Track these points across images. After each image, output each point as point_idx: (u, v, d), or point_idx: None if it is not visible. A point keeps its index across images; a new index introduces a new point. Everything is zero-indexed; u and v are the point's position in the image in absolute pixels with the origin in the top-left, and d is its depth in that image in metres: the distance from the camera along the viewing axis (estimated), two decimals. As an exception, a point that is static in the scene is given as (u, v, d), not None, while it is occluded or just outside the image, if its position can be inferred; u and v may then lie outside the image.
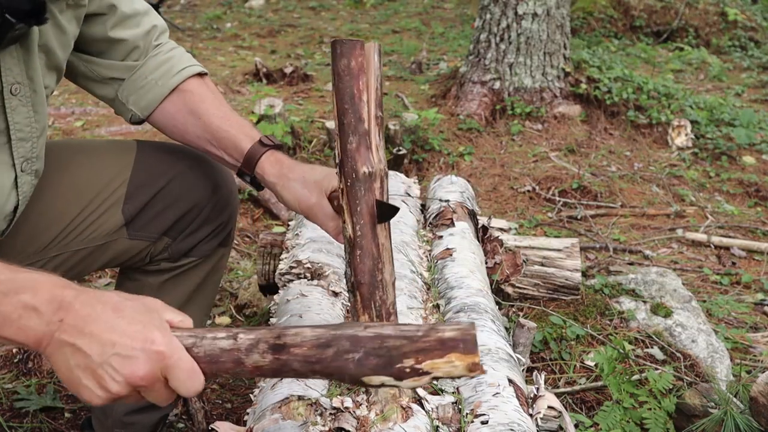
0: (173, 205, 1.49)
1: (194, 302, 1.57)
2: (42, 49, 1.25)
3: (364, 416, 1.22)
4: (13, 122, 1.22)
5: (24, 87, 1.22)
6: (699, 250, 3.38)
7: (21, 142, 1.25)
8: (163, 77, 1.46)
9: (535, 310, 2.39)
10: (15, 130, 1.23)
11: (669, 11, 7.87)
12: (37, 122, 1.28)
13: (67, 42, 1.31)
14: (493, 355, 1.44)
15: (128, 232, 1.47)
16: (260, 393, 1.35)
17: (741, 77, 6.67)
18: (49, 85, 1.31)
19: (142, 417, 1.62)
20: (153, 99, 1.46)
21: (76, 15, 1.32)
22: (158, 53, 1.48)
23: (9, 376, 2.09)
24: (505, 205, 3.82)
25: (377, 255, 1.23)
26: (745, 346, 2.47)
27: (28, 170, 1.29)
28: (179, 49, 1.53)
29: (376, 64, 1.18)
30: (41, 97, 1.27)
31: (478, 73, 4.97)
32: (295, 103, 4.92)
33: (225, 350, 0.94)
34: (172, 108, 1.47)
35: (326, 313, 1.59)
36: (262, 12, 9.18)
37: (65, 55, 1.33)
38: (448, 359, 0.91)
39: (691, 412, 1.86)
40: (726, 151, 4.57)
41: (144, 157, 1.50)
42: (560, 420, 1.36)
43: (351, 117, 1.18)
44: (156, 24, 1.49)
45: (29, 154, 1.28)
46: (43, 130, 1.30)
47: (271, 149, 1.41)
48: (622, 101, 4.94)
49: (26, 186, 1.30)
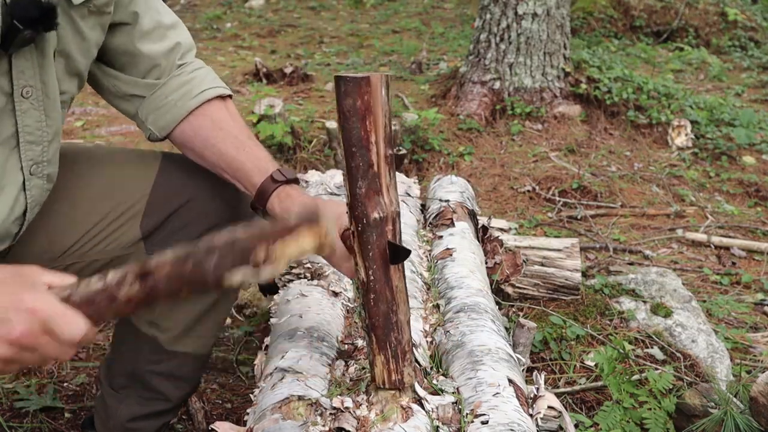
0: (192, 224, 1.45)
1: (208, 317, 1.55)
2: (60, 54, 1.24)
3: (364, 416, 1.22)
4: (23, 125, 1.22)
5: (36, 90, 1.21)
6: (699, 250, 3.38)
7: (30, 145, 1.25)
8: (182, 98, 1.44)
9: (535, 310, 2.39)
10: (24, 133, 1.23)
11: (669, 11, 7.87)
12: (49, 126, 1.27)
13: (88, 48, 1.30)
14: (493, 355, 1.44)
15: (146, 247, 1.45)
16: (260, 393, 1.35)
17: (741, 77, 6.67)
18: (68, 90, 1.30)
19: (145, 424, 1.62)
20: (171, 120, 1.44)
21: (101, 22, 1.31)
22: (181, 73, 1.46)
23: (9, 376, 2.09)
24: (505, 205, 3.82)
25: (391, 298, 1.20)
26: (745, 346, 2.47)
27: (39, 174, 1.29)
28: (203, 70, 1.50)
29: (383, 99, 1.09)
30: (54, 102, 1.26)
31: (478, 73, 4.97)
32: (295, 103, 4.92)
33: (98, 291, 0.98)
34: (190, 131, 1.45)
35: (326, 312, 1.59)
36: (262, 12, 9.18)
37: (87, 62, 1.32)
38: (295, 238, 0.99)
39: (691, 412, 1.86)
40: (726, 151, 4.57)
41: (167, 172, 1.48)
42: (560, 420, 1.36)
43: (359, 160, 1.11)
44: (180, 41, 1.46)
45: (39, 158, 1.27)
46: (55, 135, 1.30)
47: (282, 185, 1.39)
48: (622, 101, 4.94)
49: (36, 190, 1.29)
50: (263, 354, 1.55)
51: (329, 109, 4.75)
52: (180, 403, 1.64)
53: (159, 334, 1.52)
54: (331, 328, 1.54)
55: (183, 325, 1.52)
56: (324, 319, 1.56)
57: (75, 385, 2.08)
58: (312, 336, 1.47)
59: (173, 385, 1.58)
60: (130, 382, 1.58)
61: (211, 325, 1.56)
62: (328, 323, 1.56)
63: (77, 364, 2.17)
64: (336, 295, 1.70)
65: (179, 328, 1.52)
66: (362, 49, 7.20)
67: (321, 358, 1.41)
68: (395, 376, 1.23)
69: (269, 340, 1.57)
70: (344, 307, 1.68)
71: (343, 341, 1.53)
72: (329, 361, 1.42)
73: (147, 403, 1.59)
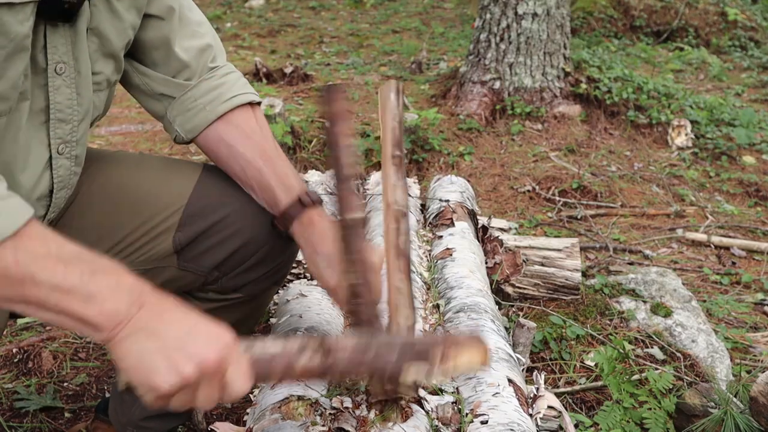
0: (227, 241, 1.41)
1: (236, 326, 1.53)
2: (93, 32, 1.22)
3: (364, 416, 1.22)
4: (54, 101, 1.20)
5: (69, 68, 1.19)
6: (699, 250, 3.38)
7: (60, 123, 1.22)
8: (212, 103, 1.41)
9: (535, 310, 2.39)
10: (55, 110, 1.21)
11: (669, 11, 7.87)
12: (80, 105, 1.25)
13: (123, 29, 1.28)
14: (492, 355, 1.44)
15: (178, 262, 1.42)
16: (260, 393, 1.35)
17: (741, 77, 6.67)
18: (102, 71, 1.28)
19: (158, 423, 1.62)
20: (198, 124, 1.42)
21: (136, 5, 1.29)
22: (212, 77, 1.43)
23: (9, 376, 2.09)
24: (505, 205, 3.82)
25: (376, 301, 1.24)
26: (745, 346, 2.47)
27: (67, 154, 1.26)
28: (234, 74, 1.47)
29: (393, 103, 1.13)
30: (86, 80, 1.24)
31: (478, 73, 4.97)
32: (295, 103, 4.93)
33: (276, 355, 1.02)
34: (216, 136, 1.43)
35: (326, 313, 1.59)
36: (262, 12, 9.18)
37: (122, 44, 1.30)
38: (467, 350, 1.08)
39: (691, 412, 1.86)
40: (726, 151, 4.57)
41: (205, 184, 1.44)
42: (560, 420, 1.36)
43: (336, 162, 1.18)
44: (212, 44, 1.44)
45: (68, 137, 1.25)
46: (86, 114, 1.27)
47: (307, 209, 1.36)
48: (622, 101, 4.94)
49: (63, 170, 1.27)
50: (263, 354, 1.55)
51: (329, 109, 4.74)
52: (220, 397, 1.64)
53: None
54: (331, 328, 1.55)
55: None
56: (324, 319, 1.56)
57: (75, 385, 2.08)
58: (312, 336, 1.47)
59: None
60: None
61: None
62: (328, 323, 1.56)
63: (77, 364, 2.17)
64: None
65: None
66: (362, 48, 7.20)
67: (321, 358, 1.40)
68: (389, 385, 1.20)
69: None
70: (344, 307, 1.68)
71: (342, 341, 1.53)
72: (329, 361, 1.42)
73: None
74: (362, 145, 4.10)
